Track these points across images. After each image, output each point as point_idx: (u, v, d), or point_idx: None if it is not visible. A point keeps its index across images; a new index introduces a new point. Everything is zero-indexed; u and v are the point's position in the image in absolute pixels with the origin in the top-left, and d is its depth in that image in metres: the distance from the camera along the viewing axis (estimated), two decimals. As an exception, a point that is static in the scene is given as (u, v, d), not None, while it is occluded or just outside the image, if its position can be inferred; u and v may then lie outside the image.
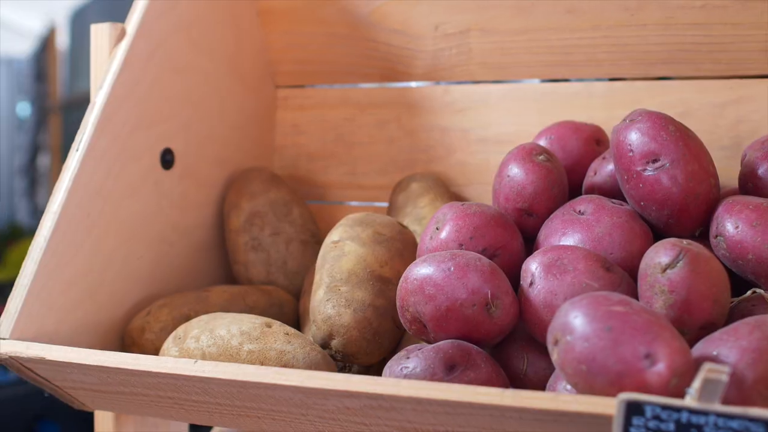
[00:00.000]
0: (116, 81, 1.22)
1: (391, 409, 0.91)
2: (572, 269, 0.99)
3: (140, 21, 1.25)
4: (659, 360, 0.81)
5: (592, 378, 0.83)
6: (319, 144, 1.50)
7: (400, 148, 1.44)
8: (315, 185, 1.51)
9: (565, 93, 1.34)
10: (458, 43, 1.37)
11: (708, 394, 0.72)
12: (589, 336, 0.83)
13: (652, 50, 1.27)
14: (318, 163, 1.50)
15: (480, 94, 1.39)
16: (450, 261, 1.01)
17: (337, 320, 1.08)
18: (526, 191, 1.13)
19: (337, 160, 1.49)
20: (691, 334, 0.93)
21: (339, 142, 1.49)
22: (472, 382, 0.96)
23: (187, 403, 1.06)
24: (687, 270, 0.93)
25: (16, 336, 1.09)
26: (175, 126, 1.33)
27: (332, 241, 1.17)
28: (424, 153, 1.43)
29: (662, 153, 1.06)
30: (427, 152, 1.42)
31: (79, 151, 1.18)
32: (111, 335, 1.23)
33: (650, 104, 1.29)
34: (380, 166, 1.46)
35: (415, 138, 1.43)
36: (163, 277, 1.32)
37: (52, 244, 1.13)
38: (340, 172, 1.49)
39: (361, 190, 1.47)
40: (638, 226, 1.06)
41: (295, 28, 1.48)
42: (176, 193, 1.33)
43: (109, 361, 1.02)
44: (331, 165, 1.49)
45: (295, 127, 1.53)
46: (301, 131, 1.52)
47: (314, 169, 1.51)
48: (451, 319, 1.00)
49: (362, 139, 1.47)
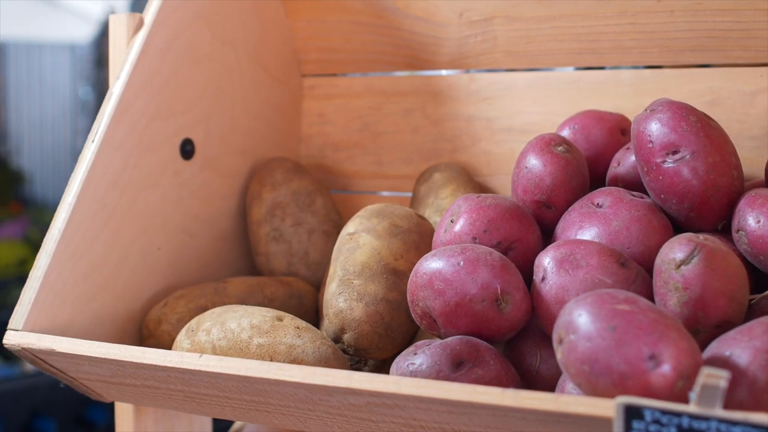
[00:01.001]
0: (133, 71, 1.22)
1: (395, 407, 0.90)
2: (585, 264, 0.96)
3: (158, 11, 1.25)
4: (664, 361, 0.79)
5: (594, 379, 0.80)
6: (344, 133, 1.49)
7: (425, 137, 1.42)
8: (341, 175, 1.49)
9: (592, 81, 1.31)
10: (483, 31, 1.34)
11: (707, 400, 0.69)
12: (592, 335, 0.81)
13: (680, 37, 1.23)
14: (343, 153, 1.49)
15: (505, 83, 1.36)
16: (460, 255, 0.99)
17: (348, 314, 1.07)
18: (544, 183, 1.10)
19: (363, 150, 1.47)
20: (706, 333, 0.90)
21: (364, 131, 1.47)
22: (479, 379, 0.94)
23: (198, 396, 1.06)
24: (702, 266, 0.89)
25: (29, 327, 1.09)
26: (196, 116, 1.32)
27: (348, 233, 1.16)
28: (449, 142, 1.40)
29: (682, 144, 1.02)
30: (453, 141, 1.40)
31: (95, 142, 1.18)
32: (129, 326, 1.23)
33: (678, 93, 1.25)
34: (405, 156, 1.44)
35: (440, 127, 1.41)
36: (184, 267, 1.31)
37: (66, 235, 1.13)
38: (366, 161, 1.47)
39: (387, 179, 1.45)
40: (657, 220, 1.03)
41: (319, 16, 1.46)
42: (197, 183, 1.33)
43: (115, 353, 1.01)
44: (357, 154, 1.48)
45: (321, 116, 1.51)
46: (327, 120, 1.51)
47: (340, 159, 1.49)
48: (461, 315, 0.98)
49: (387, 128, 1.45)
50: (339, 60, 1.48)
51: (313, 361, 1.03)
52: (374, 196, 1.47)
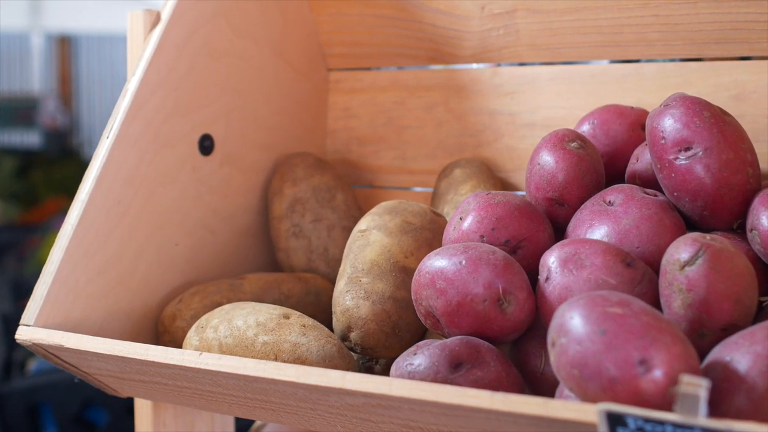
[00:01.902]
0: (149, 68, 1.22)
1: (390, 408, 0.88)
2: (589, 264, 0.93)
3: (174, 7, 1.25)
4: (655, 366, 0.76)
5: (584, 383, 0.78)
6: (369, 128, 1.48)
7: (448, 131, 1.40)
8: (366, 170, 1.48)
9: (616, 75, 1.27)
10: (505, 24, 1.32)
11: (688, 408, 0.67)
12: (582, 339, 0.79)
13: (704, 29, 1.19)
14: (368, 148, 1.48)
15: (528, 77, 1.34)
16: (463, 254, 0.97)
17: (354, 312, 1.06)
18: (556, 180, 1.08)
19: (387, 144, 1.46)
20: (711, 336, 0.88)
21: (389, 125, 1.46)
22: (477, 381, 0.92)
23: (205, 393, 1.06)
24: (706, 267, 0.87)
25: (41, 323, 1.10)
26: (215, 112, 1.32)
27: (359, 230, 1.15)
28: (472, 137, 1.38)
29: (695, 140, 0.99)
30: (476, 136, 1.38)
31: (110, 139, 1.18)
32: (145, 323, 1.23)
33: (703, 86, 1.21)
34: (429, 151, 1.42)
35: (463, 121, 1.39)
36: (204, 263, 1.31)
37: (79, 231, 1.14)
38: (390, 156, 1.46)
39: (411, 174, 1.44)
40: (669, 219, 1.00)
41: (343, 10, 1.45)
42: (217, 179, 1.33)
43: (120, 350, 1.02)
44: (381, 149, 1.46)
45: (347, 110, 1.50)
46: (352, 115, 1.50)
47: (365, 154, 1.48)
48: (463, 315, 0.96)
49: (411, 122, 1.43)
50: (363, 54, 1.47)
51: (317, 359, 1.02)
52: (398, 192, 1.45)
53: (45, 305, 1.11)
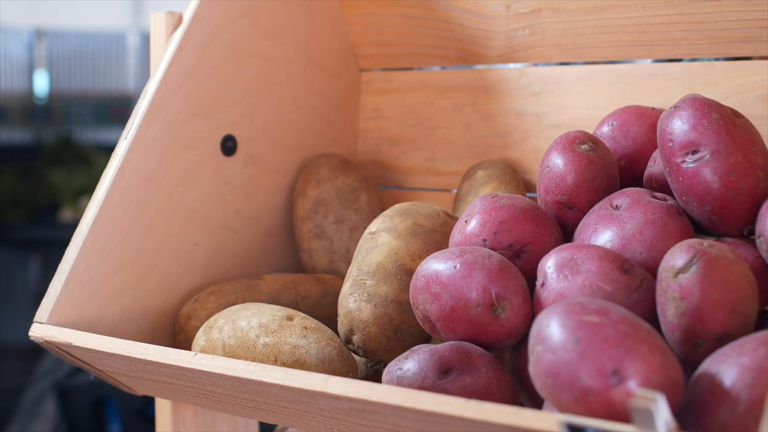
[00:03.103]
0: (169, 69, 1.23)
1: (375, 413, 0.88)
2: (585, 270, 0.91)
3: (196, 9, 1.26)
4: (629, 377, 0.74)
5: (557, 393, 0.76)
6: (399, 129, 1.47)
7: (476, 132, 1.38)
8: (395, 171, 1.47)
9: (641, 75, 1.24)
10: (531, 24, 1.30)
11: (643, 423, 0.65)
12: (556, 347, 0.77)
13: (729, 27, 1.15)
14: (398, 148, 1.47)
15: (554, 77, 1.31)
16: (458, 258, 0.96)
17: (356, 315, 1.05)
18: (564, 183, 1.06)
19: (416, 146, 1.45)
20: (706, 347, 0.85)
21: (418, 126, 1.44)
22: (466, 387, 0.90)
23: (209, 393, 1.06)
24: (700, 275, 0.84)
25: (53, 320, 1.12)
26: (238, 113, 1.32)
27: (369, 232, 1.14)
28: (499, 138, 1.36)
29: (702, 143, 0.96)
30: (503, 137, 1.36)
31: (128, 140, 1.20)
32: (163, 322, 1.24)
33: (729, 86, 1.17)
34: (457, 152, 1.40)
35: (491, 122, 1.37)
36: (226, 264, 1.32)
37: (94, 230, 1.16)
38: (419, 157, 1.44)
39: (439, 176, 1.43)
40: (675, 224, 0.97)
41: (373, 10, 1.44)
42: (240, 179, 1.33)
43: (121, 349, 1.03)
44: (411, 150, 1.45)
45: (378, 111, 1.49)
46: (383, 115, 1.49)
47: (395, 155, 1.47)
48: (457, 320, 0.95)
49: (440, 123, 1.42)
50: (393, 54, 1.46)
51: (316, 362, 1.02)
52: (426, 193, 1.44)
53: (58, 303, 1.12)
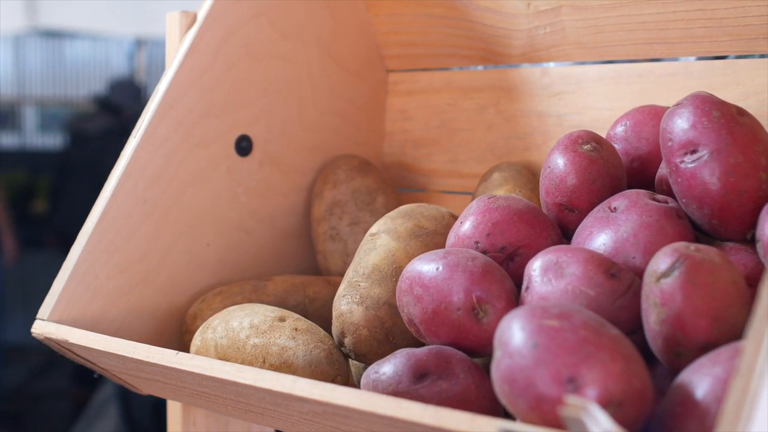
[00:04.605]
0: (180, 69, 1.23)
1: (346, 416, 0.85)
2: (569, 274, 0.87)
3: (210, 8, 1.25)
4: (586, 385, 0.70)
5: (514, 400, 0.73)
6: (424, 130, 1.44)
7: (498, 134, 1.35)
8: (420, 173, 1.45)
9: (662, 74, 1.19)
10: (551, 22, 1.26)
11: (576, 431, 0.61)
12: (513, 352, 0.73)
13: (751, 23, 1.09)
14: (423, 150, 1.44)
15: (575, 77, 1.27)
16: (441, 260, 0.93)
17: (348, 317, 1.03)
18: (565, 184, 1.02)
19: (440, 148, 1.42)
20: (689, 356, 0.80)
21: (442, 128, 1.42)
22: (441, 393, 0.87)
23: (201, 394, 1.05)
24: (682, 280, 0.79)
25: (55, 318, 1.13)
26: (254, 113, 1.31)
27: (370, 234, 1.12)
28: (521, 140, 1.33)
29: (701, 142, 0.92)
30: (525, 139, 1.32)
31: (136, 138, 1.20)
32: (172, 321, 1.24)
33: (751, 85, 1.12)
34: (479, 154, 1.37)
35: (512, 124, 1.33)
36: (239, 265, 1.31)
37: (99, 229, 1.16)
38: (443, 159, 1.41)
39: (462, 178, 1.39)
40: (672, 227, 0.92)
41: (397, 10, 1.42)
42: (255, 180, 1.32)
43: (110, 347, 1.03)
44: (434, 152, 1.42)
45: (403, 112, 1.47)
46: (408, 117, 1.46)
47: (419, 157, 1.45)
48: (439, 324, 0.92)
49: (463, 125, 1.39)
50: (418, 54, 1.44)
51: (303, 364, 1.00)
52: (449, 196, 1.41)
53: (60, 300, 1.13)
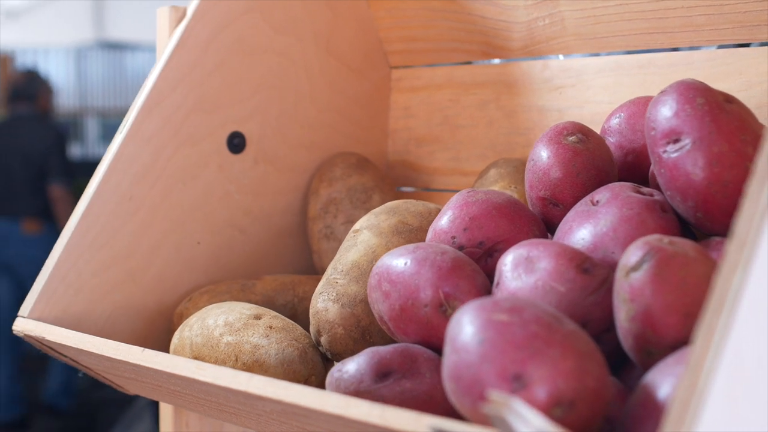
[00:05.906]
0: (168, 64, 1.21)
1: (306, 416, 0.82)
2: (540, 269, 0.83)
3: (199, 3, 1.23)
4: (533, 383, 0.66)
5: (460, 398, 0.69)
6: (426, 127, 1.40)
7: (499, 130, 1.31)
8: (423, 171, 1.41)
9: (663, 65, 1.14)
10: (550, 13, 1.22)
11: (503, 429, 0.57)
12: (459, 348, 0.70)
13: (753, 9, 1.04)
14: (425, 148, 1.40)
15: (575, 70, 1.23)
16: (410, 254, 0.89)
17: (323, 315, 1.00)
18: (548, 177, 0.98)
19: (442, 145, 1.38)
20: (659, 355, 0.76)
21: (444, 125, 1.38)
22: (404, 392, 0.84)
23: (176, 393, 1.03)
24: (651, 274, 0.75)
25: (35, 315, 1.11)
26: (247, 109, 1.29)
27: (353, 230, 1.08)
28: (522, 136, 1.28)
29: (684, 131, 0.87)
30: (526, 135, 1.28)
31: (122, 134, 1.18)
32: (160, 320, 1.22)
33: (755, 74, 1.07)
34: (480, 151, 1.33)
35: (513, 119, 1.29)
36: (232, 263, 1.29)
37: (82, 226, 1.14)
38: (445, 157, 1.38)
39: (464, 176, 1.36)
40: (654, 221, 0.88)
41: (399, 4, 1.39)
42: (249, 177, 1.30)
43: (80, 343, 1.01)
44: (437, 150, 1.39)
45: (407, 109, 1.44)
46: (411, 114, 1.43)
47: (422, 155, 1.41)
48: (407, 321, 0.88)
49: (465, 121, 1.35)
50: (419, 50, 1.40)
51: (275, 363, 0.97)
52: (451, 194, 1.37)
53: (41, 297, 1.11)
